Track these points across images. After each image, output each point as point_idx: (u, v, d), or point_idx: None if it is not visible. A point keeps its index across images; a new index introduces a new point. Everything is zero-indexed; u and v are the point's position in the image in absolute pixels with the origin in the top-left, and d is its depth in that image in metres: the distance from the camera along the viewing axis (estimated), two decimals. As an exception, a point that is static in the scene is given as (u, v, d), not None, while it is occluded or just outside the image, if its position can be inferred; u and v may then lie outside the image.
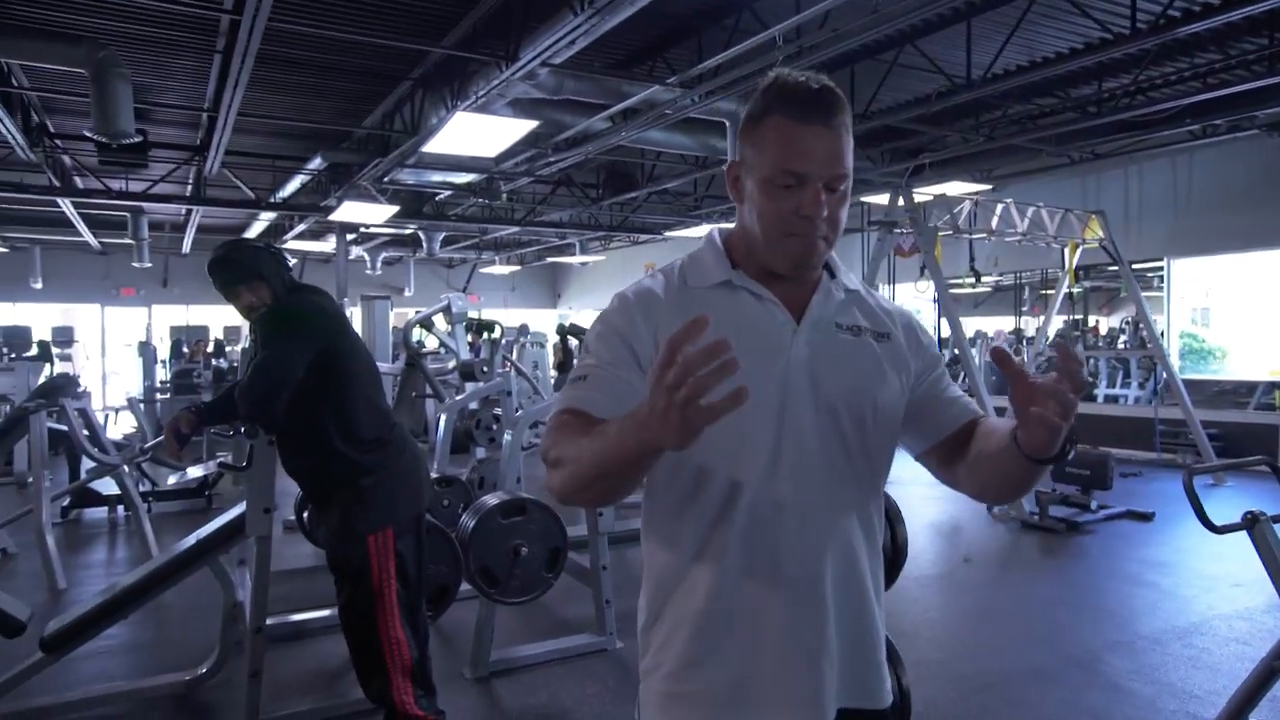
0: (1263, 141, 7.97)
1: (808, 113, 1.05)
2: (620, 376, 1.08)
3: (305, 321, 2.48)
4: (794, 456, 1.12)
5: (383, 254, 16.92)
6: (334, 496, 2.57)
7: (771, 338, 1.13)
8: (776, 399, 1.13)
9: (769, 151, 1.07)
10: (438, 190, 10.56)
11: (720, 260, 1.18)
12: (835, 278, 1.21)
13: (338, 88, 7.37)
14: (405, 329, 6.86)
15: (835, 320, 1.17)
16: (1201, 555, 5.11)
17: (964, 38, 5.98)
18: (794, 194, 1.06)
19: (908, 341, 1.22)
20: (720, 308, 1.12)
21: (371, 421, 2.61)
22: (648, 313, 1.13)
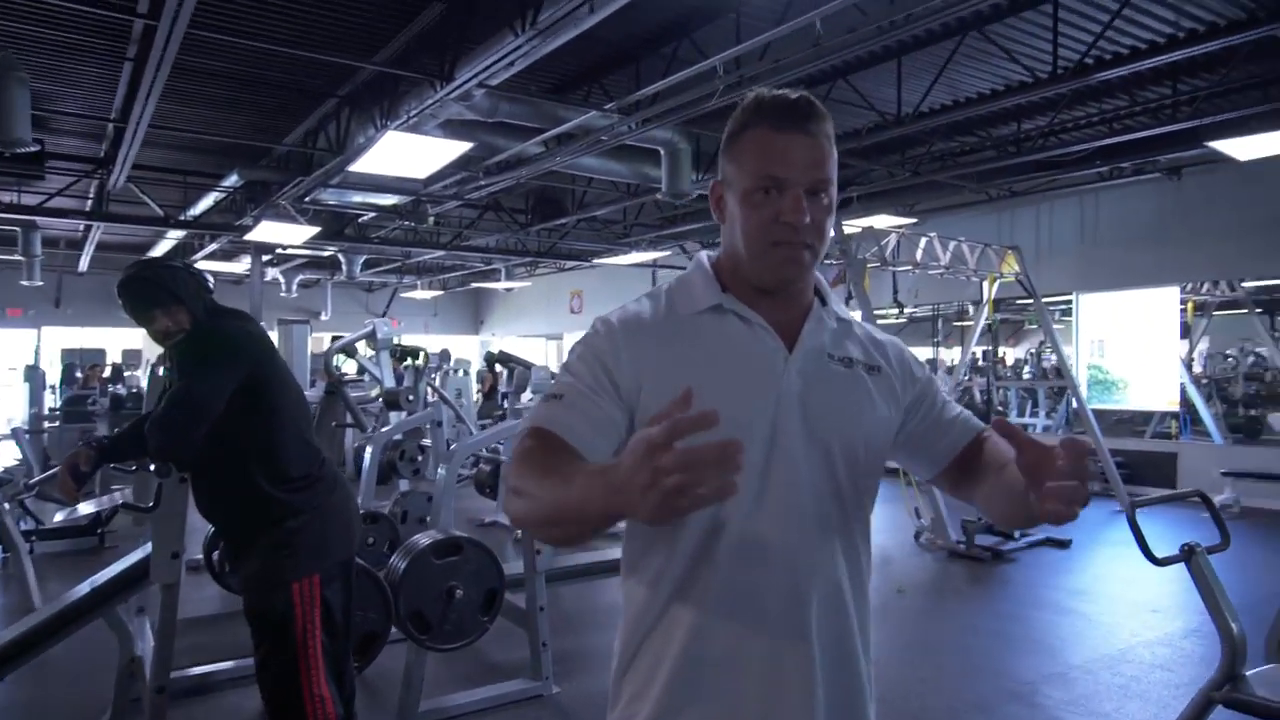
0: (1162, 184, 8.45)
1: (785, 121, 1.03)
2: (598, 404, 1.03)
3: (228, 349, 2.28)
4: (781, 491, 1.06)
5: (299, 276, 16.33)
6: (256, 540, 2.36)
7: (762, 366, 1.09)
8: (766, 431, 1.07)
9: (748, 163, 1.05)
10: (361, 212, 10.24)
11: (709, 284, 1.13)
12: (827, 305, 1.17)
13: (258, 102, 7.06)
14: (327, 355, 6.55)
15: (828, 350, 1.13)
16: (1119, 581, 5.27)
17: (894, 75, 6.14)
18: (774, 201, 1.03)
19: (900, 374, 1.19)
20: (709, 334, 1.09)
21: (300, 457, 2.41)
22: (632, 341, 1.07)
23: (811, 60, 4.99)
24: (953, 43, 5.68)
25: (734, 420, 1.04)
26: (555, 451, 0.98)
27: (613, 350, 1.07)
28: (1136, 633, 4.19)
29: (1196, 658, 3.83)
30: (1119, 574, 5.42)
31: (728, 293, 1.11)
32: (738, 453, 0.73)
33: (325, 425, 6.81)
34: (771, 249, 1.05)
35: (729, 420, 1.03)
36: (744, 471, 1.02)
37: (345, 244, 11.95)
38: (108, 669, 3.06)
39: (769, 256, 1.06)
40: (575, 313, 17.46)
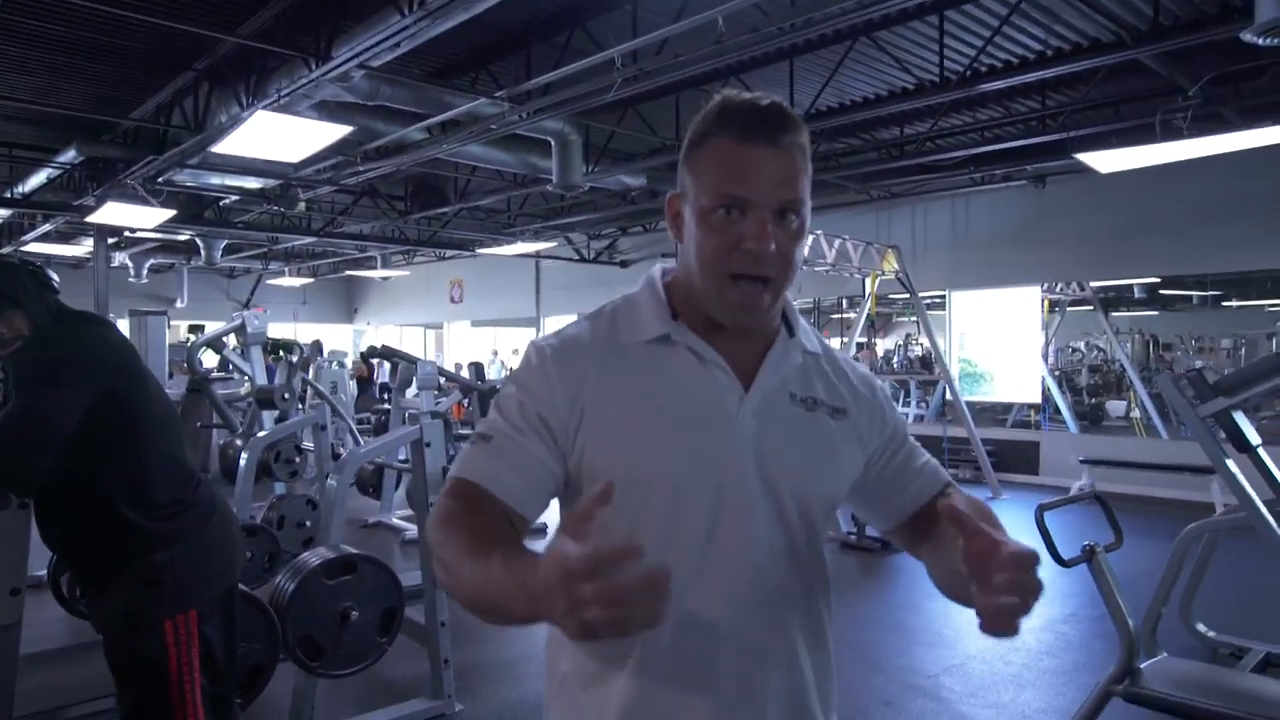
0: (1027, 190, 8.97)
1: (751, 130, 0.91)
2: (527, 448, 0.94)
3: (79, 359, 1.96)
4: (730, 557, 0.95)
5: (150, 261, 15.04)
6: (118, 576, 2.05)
7: (714, 408, 0.97)
8: (713, 484, 0.95)
9: (708, 178, 0.93)
10: (223, 195, 9.49)
11: (659, 309, 1.01)
12: (794, 335, 1.04)
13: (99, 71, 6.36)
14: (189, 350, 6.00)
15: (790, 389, 1.02)
16: (998, 569, 5.53)
17: (787, 76, 6.19)
18: (735, 224, 0.91)
19: (869, 416, 1.08)
20: (655, 369, 0.98)
21: (170, 480, 2.12)
22: (567, 373, 0.97)
23: (712, 58, 4.94)
24: (844, 47, 5.78)
25: (679, 472, 0.95)
26: (480, 512, 0.90)
27: (545, 384, 0.96)
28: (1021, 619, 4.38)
29: (1077, 643, 4.05)
30: (996, 561, 5.69)
31: (679, 320, 1.00)
32: (664, 583, 0.66)
33: (189, 426, 6.27)
34: (728, 285, 0.93)
35: (673, 472, 0.95)
36: (687, 530, 0.95)
37: (205, 228, 11.07)
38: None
39: (725, 292, 0.94)
40: (456, 302, 16.96)
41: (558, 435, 0.95)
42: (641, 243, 13.31)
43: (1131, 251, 8.40)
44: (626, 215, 11.22)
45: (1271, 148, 5.97)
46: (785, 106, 0.94)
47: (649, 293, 1.04)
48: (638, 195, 9.60)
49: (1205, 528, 3.52)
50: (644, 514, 0.94)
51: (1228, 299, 14.65)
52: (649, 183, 8.66)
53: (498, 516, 0.92)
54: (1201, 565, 3.71)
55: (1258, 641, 3.69)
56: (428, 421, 3.18)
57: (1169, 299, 14.69)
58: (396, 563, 5.79)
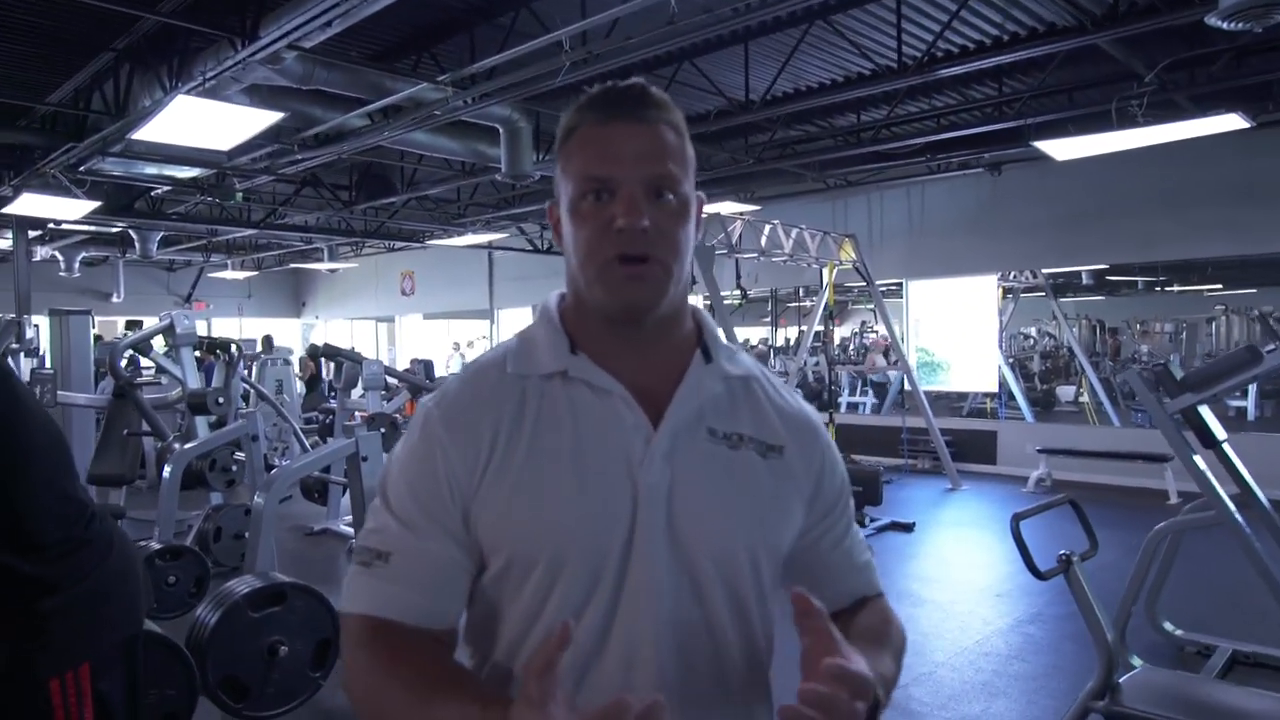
0: (982, 178, 8.93)
1: (612, 111, 0.83)
2: (432, 554, 0.82)
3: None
4: (630, 647, 0.79)
5: (82, 254, 14.34)
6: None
7: (613, 456, 0.82)
8: (610, 555, 0.80)
9: (573, 167, 0.84)
10: (153, 185, 9.00)
11: (554, 339, 0.88)
12: (712, 359, 0.88)
13: (11, 50, 5.91)
14: (112, 355, 5.62)
15: (709, 424, 0.86)
16: (963, 565, 5.46)
17: (742, 60, 6.00)
18: (606, 207, 0.82)
19: (806, 458, 0.90)
20: (551, 410, 0.84)
21: (58, 517, 1.85)
22: (460, 436, 0.83)
23: (663, 40, 4.73)
24: (800, 30, 5.61)
25: (563, 544, 0.80)
26: (409, 654, 0.79)
27: (437, 457, 0.83)
28: (988, 620, 4.30)
29: (1045, 645, 3.96)
30: (962, 558, 5.63)
31: (578, 352, 0.86)
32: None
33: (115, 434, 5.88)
34: (608, 267, 0.82)
35: (557, 544, 0.80)
36: (582, 610, 0.79)
37: (136, 220, 10.52)
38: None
39: (607, 278, 0.82)
40: (407, 294, 16.54)
41: (461, 510, 0.82)
42: (596, 232, 13.07)
43: (1086, 239, 8.41)
44: (580, 204, 10.96)
45: (1224, 135, 5.98)
46: (649, 86, 0.85)
47: (544, 324, 0.90)
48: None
49: (1174, 527, 3.44)
50: (526, 599, 0.81)
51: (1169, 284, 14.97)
52: (602, 171, 8.43)
53: (433, 656, 0.81)
54: (1167, 562, 3.64)
55: (1224, 639, 3.63)
56: (363, 434, 2.94)
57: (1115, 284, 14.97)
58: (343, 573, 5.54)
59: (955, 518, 6.90)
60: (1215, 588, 4.58)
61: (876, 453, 9.25)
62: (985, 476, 8.66)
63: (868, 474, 6.13)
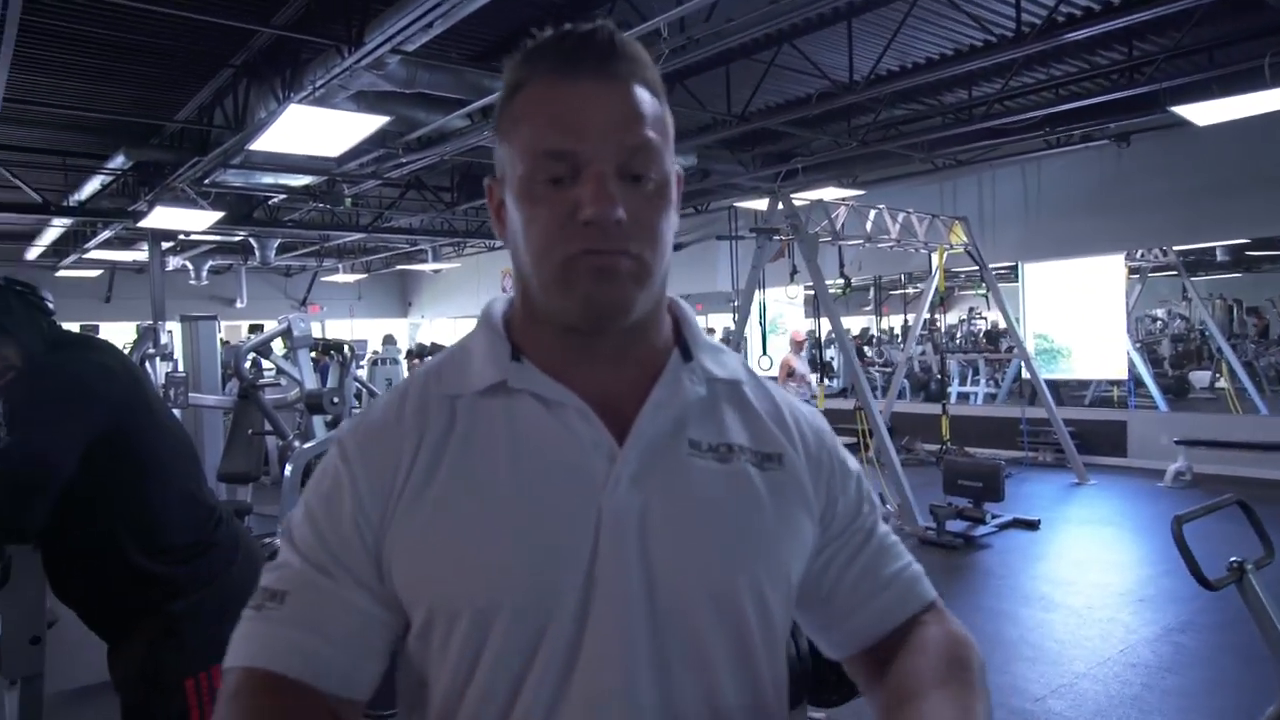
0: (1105, 151, 8.33)
1: (572, 62, 0.65)
2: (340, 599, 0.65)
3: (77, 391, 1.74)
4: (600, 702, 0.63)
5: (209, 263, 15.24)
6: (134, 630, 1.84)
7: (572, 476, 0.66)
8: (570, 592, 0.64)
9: (523, 135, 0.66)
10: (270, 194, 9.43)
11: (494, 347, 0.72)
12: (691, 358, 0.72)
13: (137, 72, 6.26)
14: (237, 358, 5.90)
15: (691, 435, 0.70)
16: (1096, 567, 5.09)
17: (845, 39, 5.76)
18: (568, 191, 0.64)
19: (813, 464, 0.74)
20: (488, 432, 0.68)
21: (187, 520, 1.90)
22: (372, 466, 0.68)
23: (765, 21, 4.58)
24: (907, 3, 5.33)
25: (507, 581, 0.64)
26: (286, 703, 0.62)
27: (346, 491, 0.67)
28: (1132, 628, 3.97)
29: (1200, 657, 3.62)
30: (1095, 558, 5.26)
31: (522, 359, 0.70)
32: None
33: (241, 434, 6.16)
34: (570, 266, 0.64)
35: (496, 583, 0.64)
36: (532, 674, 0.64)
37: (256, 228, 11.08)
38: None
39: (569, 278, 0.65)
40: (507, 292, 16.78)
41: (377, 556, 0.66)
42: (694, 224, 12.93)
43: (1226, 211, 7.71)
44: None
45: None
46: (616, 30, 0.67)
47: (483, 332, 0.74)
48: (688, 175, 9.26)
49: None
50: (452, 661, 0.65)
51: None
52: (700, 161, 8.32)
53: (316, 707, 0.63)
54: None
55: None
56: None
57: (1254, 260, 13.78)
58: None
59: (1085, 515, 6.46)
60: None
61: (992, 445, 8.81)
62: (1115, 470, 8.10)
63: (987, 468, 5.80)
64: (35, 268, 14.22)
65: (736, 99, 6.75)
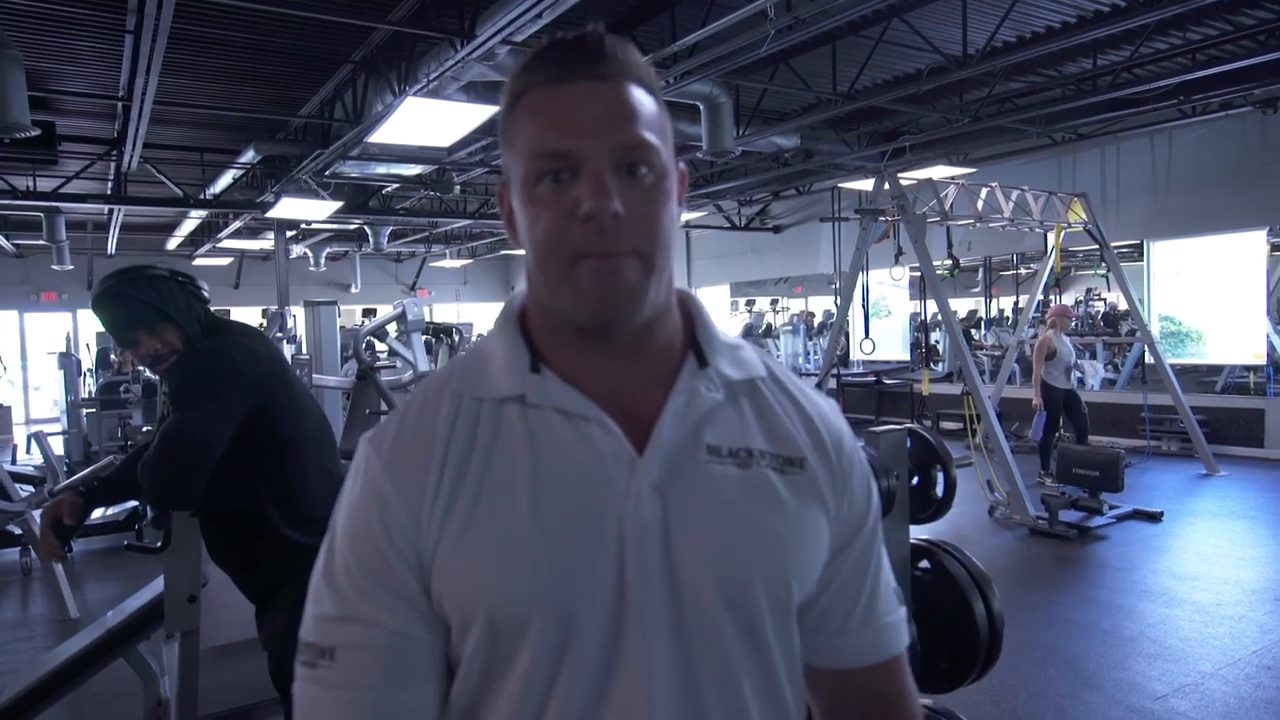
0: (1245, 120, 7.75)
1: (565, 68, 0.68)
2: (381, 633, 0.67)
3: (230, 374, 1.91)
4: (632, 707, 0.66)
5: (326, 250, 16.08)
6: (278, 593, 2.02)
7: (595, 488, 0.68)
8: (606, 604, 0.66)
9: (523, 139, 0.68)
10: (385, 183, 9.85)
11: (513, 353, 0.73)
12: (707, 363, 0.73)
13: (268, 72, 6.66)
14: (356, 340, 6.23)
15: (709, 441, 0.71)
16: (1226, 562, 4.81)
17: (958, 11, 5.55)
18: (566, 190, 0.66)
19: (830, 472, 0.75)
20: (507, 439, 0.70)
21: (324, 494, 2.05)
22: (404, 475, 0.69)
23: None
24: (1026, -30, 5.09)
25: (538, 594, 0.66)
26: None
27: (379, 504, 0.69)
28: (1267, 628, 3.75)
29: (1342, 661, 3.40)
30: (1224, 553, 4.96)
31: (541, 369, 0.72)
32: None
33: (359, 413, 6.53)
34: (573, 266, 0.66)
35: (536, 596, 0.66)
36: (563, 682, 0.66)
37: (370, 216, 11.60)
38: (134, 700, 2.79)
39: (573, 278, 0.67)
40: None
41: (420, 576, 0.68)
42: (795, 206, 12.76)
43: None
44: (779, 178, 10.76)
45: None
46: (607, 34, 0.69)
47: (501, 333, 0.76)
48: (791, 156, 9.13)
49: None
50: (482, 673, 0.68)
51: None
52: (803, 142, 8.19)
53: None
54: None
55: None
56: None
57: None
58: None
59: (1213, 508, 6.09)
60: None
61: (1110, 433, 8.38)
62: (1250, 461, 7.58)
63: (1104, 457, 5.53)
64: (174, 256, 15.34)
65: (842, 77, 6.61)
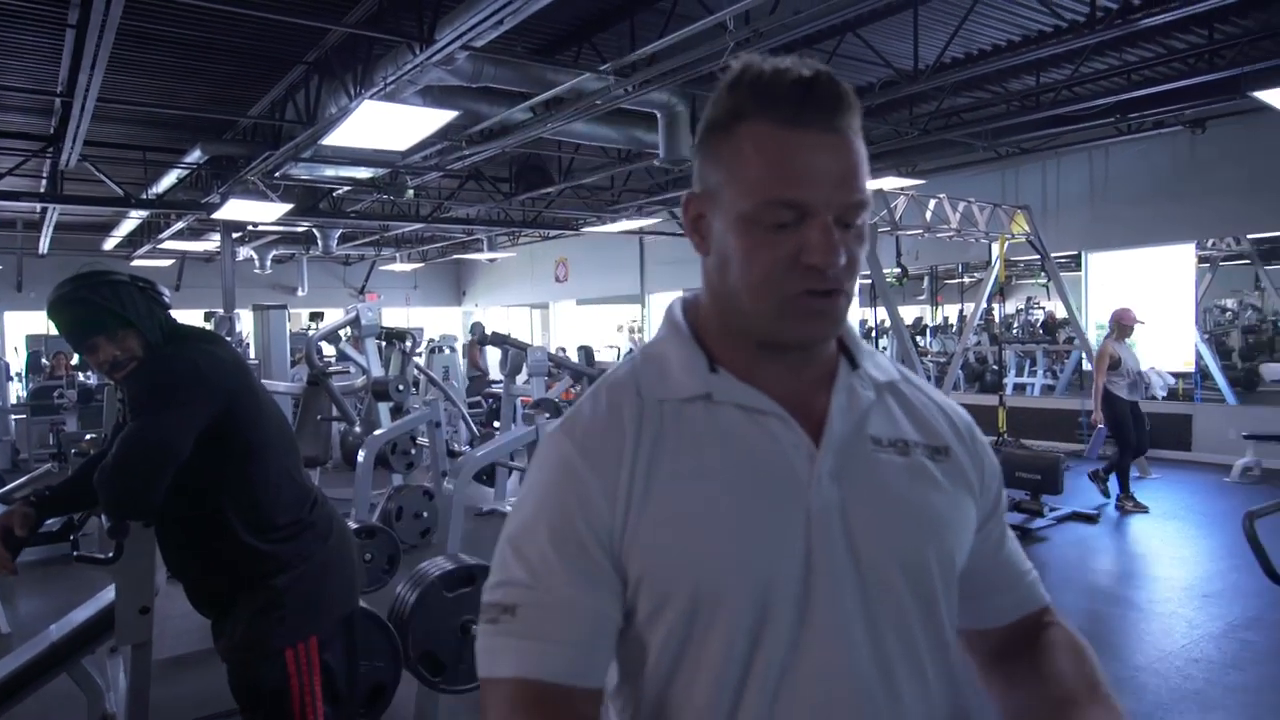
0: (1178, 138, 8.10)
1: (802, 112, 0.70)
2: (576, 601, 0.73)
3: (193, 381, 1.87)
4: (828, 685, 0.73)
5: (273, 252, 15.72)
6: (237, 602, 1.98)
7: (780, 475, 0.75)
8: (796, 577, 0.73)
9: (749, 176, 0.72)
10: (336, 186, 9.70)
11: (691, 355, 0.80)
12: (858, 366, 0.82)
13: (217, 71, 6.51)
14: (308, 345, 6.12)
15: (871, 433, 0.79)
16: (1158, 561, 5.02)
17: (909, 27, 5.71)
18: (792, 235, 0.71)
19: (972, 456, 0.84)
20: (695, 435, 0.76)
21: (288, 500, 2.03)
22: (599, 465, 0.75)
23: (832, 12, 4.56)
24: (974, -11, 5.26)
25: (736, 569, 0.73)
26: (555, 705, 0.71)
27: (576, 489, 0.75)
28: (1196, 623, 3.93)
29: (1265, 653, 3.58)
30: (1156, 553, 5.17)
31: (718, 370, 0.78)
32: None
33: (309, 419, 6.41)
34: (790, 302, 0.73)
35: (735, 571, 0.73)
36: (764, 652, 0.73)
37: (320, 219, 11.41)
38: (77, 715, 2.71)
39: (787, 314, 0.74)
40: (561, 281, 17.02)
41: (602, 536, 0.74)
42: (747, 213, 12.90)
43: (1306, 200, 7.46)
44: (732, 186, 10.87)
45: None
46: (834, 76, 0.72)
47: (674, 338, 0.82)
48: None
49: None
50: (678, 644, 0.74)
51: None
52: (757, 151, 8.29)
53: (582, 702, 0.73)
54: None
55: None
56: (543, 422, 3.03)
57: (1333, 248, 13.21)
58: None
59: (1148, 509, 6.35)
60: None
61: (1049, 437, 8.66)
62: (1179, 464, 7.92)
63: (1046, 461, 5.73)
64: (111, 257, 14.84)
65: (796, 89, 6.73)
